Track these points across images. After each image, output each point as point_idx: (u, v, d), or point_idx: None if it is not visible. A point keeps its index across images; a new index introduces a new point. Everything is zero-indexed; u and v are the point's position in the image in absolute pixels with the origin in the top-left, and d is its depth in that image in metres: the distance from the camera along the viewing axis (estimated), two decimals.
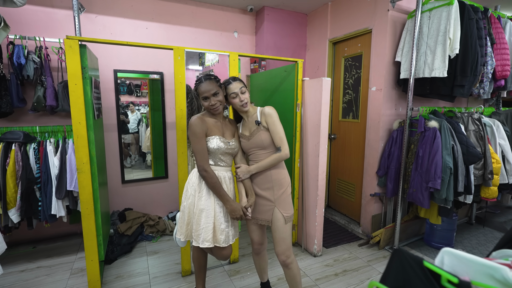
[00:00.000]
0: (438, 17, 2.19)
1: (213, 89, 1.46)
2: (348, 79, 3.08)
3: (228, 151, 1.54)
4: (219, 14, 3.19)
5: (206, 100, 1.47)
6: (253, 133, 1.57)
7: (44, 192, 2.18)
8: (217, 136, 1.50)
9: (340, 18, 3.02)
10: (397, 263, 0.55)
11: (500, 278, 0.48)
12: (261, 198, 1.60)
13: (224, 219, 1.52)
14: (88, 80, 1.79)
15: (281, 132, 1.54)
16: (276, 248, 1.60)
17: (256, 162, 1.58)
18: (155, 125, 3.02)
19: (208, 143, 1.49)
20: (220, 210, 1.51)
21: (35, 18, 2.46)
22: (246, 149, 1.62)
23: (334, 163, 3.35)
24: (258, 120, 1.56)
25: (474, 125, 2.42)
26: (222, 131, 1.55)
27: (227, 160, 1.57)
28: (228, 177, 1.58)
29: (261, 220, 1.62)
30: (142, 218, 2.82)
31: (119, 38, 2.76)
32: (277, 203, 1.57)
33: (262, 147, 1.56)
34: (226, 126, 1.59)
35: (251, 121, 1.60)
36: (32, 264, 2.32)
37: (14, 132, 2.15)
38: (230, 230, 1.55)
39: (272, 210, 1.58)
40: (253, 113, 1.60)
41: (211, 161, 1.53)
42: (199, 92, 1.48)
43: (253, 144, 1.57)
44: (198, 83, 1.49)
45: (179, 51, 1.89)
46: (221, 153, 1.52)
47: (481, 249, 2.62)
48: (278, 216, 1.57)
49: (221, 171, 1.54)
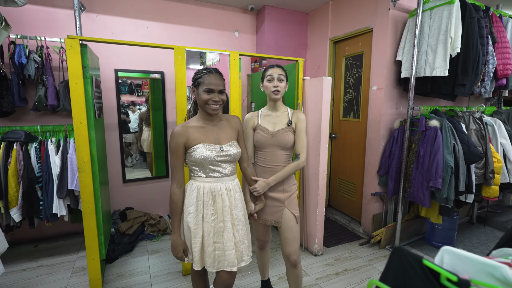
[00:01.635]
0: (439, 16, 2.18)
1: (222, 85, 1.28)
2: (349, 78, 3.07)
3: (221, 159, 1.29)
4: (219, 13, 3.19)
5: (209, 93, 1.25)
6: (280, 131, 1.52)
7: (46, 191, 2.19)
8: (201, 144, 1.27)
9: (341, 17, 3.02)
10: (396, 262, 0.55)
11: (500, 276, 0.48)
12: (272, 200, 1.58)
13: (214, 239, 1.30)
14: (89, 79, 1.79)
15: (305, 140, 1.55)
16: (288, 248, 1.56)
17: (270, 160, 1.54)
18: (156, 124, 3.03)
19: (192, 154, 1.27)
20: (210, 230, 1.29)
21: (36, 18, 2.47)
22: (263, 144, 1.53)
23: (335, 162, 3.35)
24: (291, 120, 1.54)
25: (475, 124, 2.41)
26: (215, 136, 1.32)
27: (224, 170, 1.32)
28: (226, 189, 1.32)
29: (270, 221, 1.60)
30: (143, 217, 2.82)
31: (120, 37, 2.77)
32: (287, 204, 1.57)
33: (284, 148, 1.53)
34: (221, 129, 1.36)
35: (279, 116, 1.57)
36: (33, 263, 2.33)
37: (16, 132, 2.16)
38: (225, 256, 1.30)
39: (282, 211, 1.57)
40: (283, 110, 1.59)
41: (202, 172, 1.30)
42: (203, 82, 1.25)
43: (276, 142, 1.52)
44: (206, 72, 1.28)
45: (179, 51, 1.89)
46: (210, 163, 1.28)
47: (482, 248, 2.61)
48: (290, 217, 1.56)
49: (216, 183, 1.30)
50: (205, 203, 1.29)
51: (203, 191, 1.29)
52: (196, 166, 1.31)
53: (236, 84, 2.11)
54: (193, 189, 1.31)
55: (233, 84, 2.10)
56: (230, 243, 1.30)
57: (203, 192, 1.29)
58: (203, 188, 1.30)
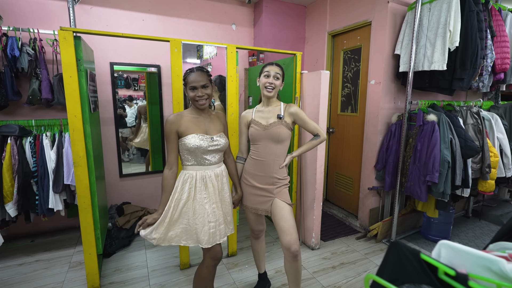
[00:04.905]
0: (439, 9, 2.16)
1: (203, 81, 1.41)
2: (347, 72, 3.06)
3: (211, 148, 1.44)
4: (216, 5, 3.14)
5: (193, 91, 1.41)
6: (271, 125, 1.57)
7: (41, 186, 2.17)
8: (195, 134, 1.42)
9: (339, 10, 2.98)
10: (394, 256, 0.55)
11: (497, 270, 0.47)
12: (260, 190, 1.62)
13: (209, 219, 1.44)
14: (84, 72, 1.76)
15: (312, 122, 1.62)
16: (287, 237, 1.52)
17: (263, 154, 1.59)
18: (153, 118, 3.00)
19: (186, 142, 1.40)
20: (204, 212, 1.43)
21: (29, 9, 2.42)
22: (256, 138, 1.60)
23: (333, 157, 3.35)
24: (281, 114, 1.58)
25: (472, 119, 2.41)
26: (205, 127, 1.47)
27: (213, 159, 1.47)
28: (216, 175, 1.48)
29: (261, 210, 1.64)
30: (140, 212, 2.82)
31: (115, 30, 2.72)
32: (276, 193, 1.61)
33: (276, 141, 1.57)
34: (211, 122, 1.51)
35: (271, 110, 1.62)
36: (30, 257, 2.32)
37: (10, 126, 2.13)
38: (218, 230, 1.48)
39: (272, 201, 1.60)
40: (276, 105, 1.63)
41: (194, 160, 1.44)
42: (188, 81, 1.42)
43: (268, 135, 1.57)
44: (189, 72, 1.44)
45: (176, 43, 1.86)
46: (202, 152, 1.43)
47: (477, 242, 2.64)
48: (281, 205, 1.58)
49: (207, 170, 1.46)
50: (198, 188, 1.44)
51: (196, 178, 1.44)
52: (189, 154, 1.44)
53: (233, 78, 2.09)
54: (186, 178, 1.44)
55: (230, 78, 2.08)
56: (221, 219, 1.51)
57: (196, 179, 1.44)
58: (195, 175, 1.44)
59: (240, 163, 1.72)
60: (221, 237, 1.50)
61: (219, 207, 1.50)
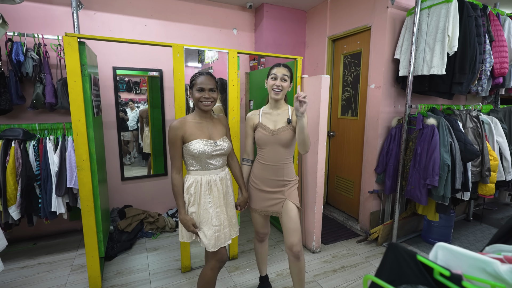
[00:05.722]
0: (437, 14, 2.19)
1: (211, 85, 1.43)
2: (347, 77, 3.08)
3: (215, 153, 1.45)
4: (218, 11, 3.19)
5: (200, 92, 1.42)
6: (280, 130, 1.56)
7: (44, 189, 2.19)
8: (199, 139, 1.42)
9: (340, 15, 3.02)
10: (391, 257, 0.56)
11: (492, 271, 0.49)
12: (271, 193, 1.62)
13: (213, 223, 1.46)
14: (87, 77, 1.79)
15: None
16: (291, 238, 1.57)
17: (270, 158, 1.58)
18: (155, 122, 3.03)
19: (190, 148, 1.41)
20: (209, 216, 1.45)
21: (34, 15, 2.46)
22: (264, 142, 1.58)
23: (333, 160, 3.36)
24: (290, 118, 1.56)
25: (472, 123, 2.43)
26: (209, 132, 1.48)
27: (217, 163, 1.48)
28: (220, 178, 1.50)
29: (271, 212, 1.65)
30: (141, 215, 2.83)
31: (118, 35, 2.76)
32: (287, 195, 1.62)
33: (284, 145, 1.57)
34: (214, 126, 1.52)
35: (279, 114, 1.60)
36: (32, 260, 2.33)
37: (14, 130, 2.15)
38: (223, 233, 1.49)
39: (283, 202, 1.62)
40: (284, 108, 1.62)
41: (198, 165, 1.45)
42: (196, 83, 1.43)
43: (276, 140, 1.55)
44: (198, 75, 1.45)
45: (178, 48, 1.89)
46: (207, 157, 1.44)
47: (478, 245, 2.64)
48: (291, 207, 1.60)
49: (211, 175, 1.47)
50: (203, 193, 1.45)
51: (200, 183, 1.45)
52: (193, 160, 1.45)
53: (234, 82, 2.11)
54: (191, 183, 1.45)
55: (232, 82, 2.10)
56: (226, 222, 1.52)
57: (201, 184, 1.45)
58: (200, 180, 1.45)
59: (246, 165, 1.71)
60: (226, 240, 1.51)
61: (224, 211, 1.51)
